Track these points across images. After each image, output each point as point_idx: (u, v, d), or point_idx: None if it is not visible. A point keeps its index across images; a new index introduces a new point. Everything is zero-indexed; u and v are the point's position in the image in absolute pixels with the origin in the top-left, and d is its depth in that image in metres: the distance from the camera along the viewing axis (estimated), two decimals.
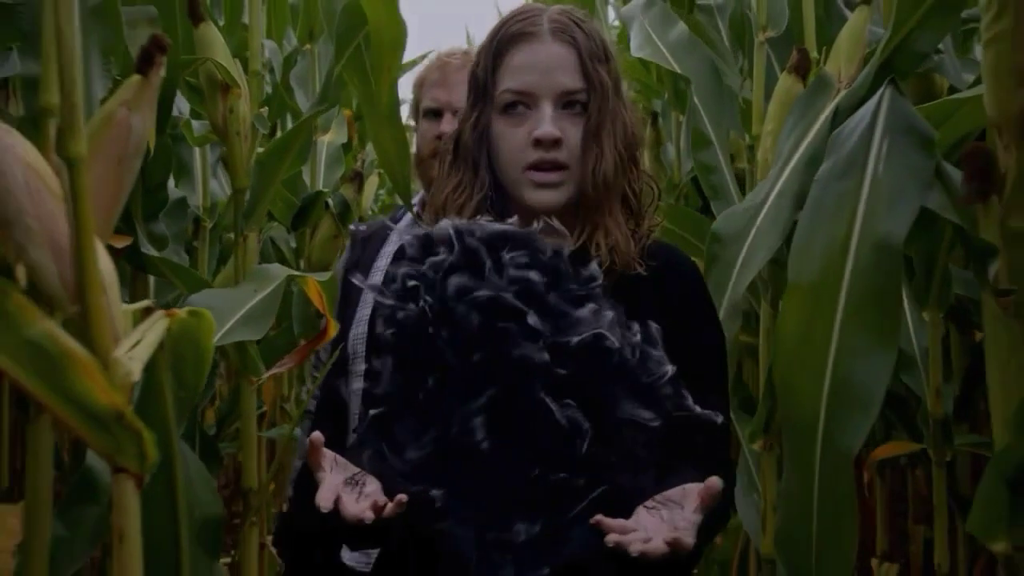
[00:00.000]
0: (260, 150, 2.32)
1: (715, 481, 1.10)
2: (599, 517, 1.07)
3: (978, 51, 2.25)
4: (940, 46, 2.04)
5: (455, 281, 1.10)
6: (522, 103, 1.25)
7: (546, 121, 1.23)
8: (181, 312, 1.34)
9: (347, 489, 1.12)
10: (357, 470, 1.15)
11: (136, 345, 1.24)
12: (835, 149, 1.43)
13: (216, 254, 3.20)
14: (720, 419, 1.17)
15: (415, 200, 1.96)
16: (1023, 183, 1.23)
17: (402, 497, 1.09)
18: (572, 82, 1.25)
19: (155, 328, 1.28)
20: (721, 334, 1.38)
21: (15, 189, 1.21)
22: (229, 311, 1.75)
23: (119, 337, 1.23)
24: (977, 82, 1.79)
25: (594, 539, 1.09)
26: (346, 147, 3.55)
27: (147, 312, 1.32)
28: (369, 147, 4.31)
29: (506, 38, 1.27)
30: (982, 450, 2.50)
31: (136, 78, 1.31)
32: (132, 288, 2.29)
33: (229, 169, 2.29)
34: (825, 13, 2.46)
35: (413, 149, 2.05)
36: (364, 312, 1.78)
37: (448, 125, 1.88)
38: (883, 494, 3.00)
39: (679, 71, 2.44)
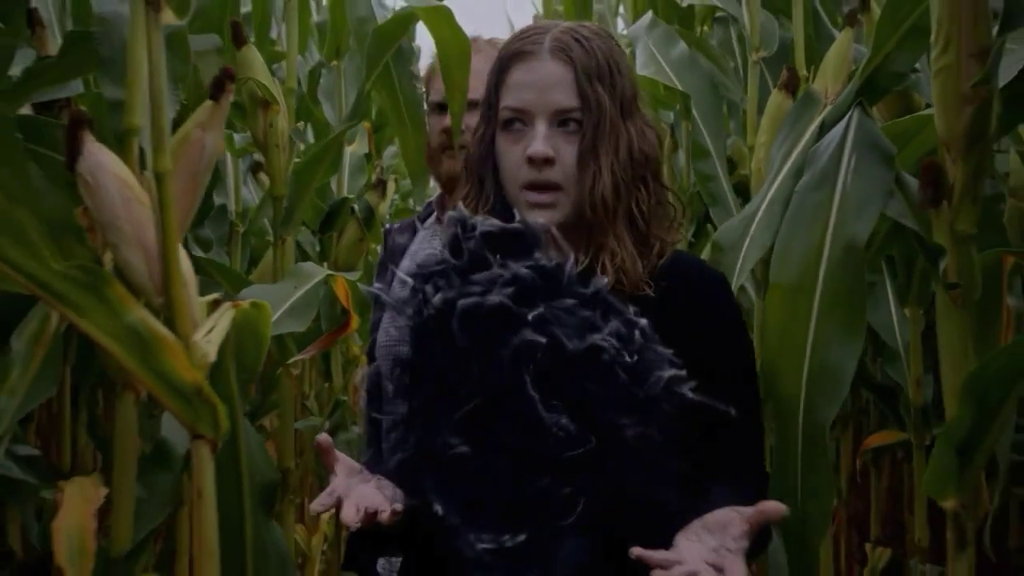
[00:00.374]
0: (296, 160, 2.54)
1: (773, 506, 1.08)
2: (639, 550, 1.03)
3: None
4: (917, 66, 2.24)
5: (446, 290, 1.11)
6: (519, 120, 1.24)
7: (538, 139, 1.22)
8: (244, 304, 1.56)
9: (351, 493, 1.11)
10: (365, 473, 1.15)
11: (210, 331, 1.46)
12: (812, 163, 1.64)
13: (247, 256, 3.41)
14: (733, 411, 1.16)
15: (432, 199, 2.03)
16: (967, 192, 1.44)
17: (396, 506, 1.08)
18: (566, 100, 1.23)
19: (224, 317, 1.50)
20: (748, 341, 1.35)
21: (110, 199, 1.44)
22: (275, 305, 1.97)
23: (197, 324, 1.45)
24: None
25: (585, 552, 1.10)
26: (367, 156, 3.77)
27: (216, 304, 1.54)
28: (385, 154, 4.52)
29: (508, 56, 1.27)
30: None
31: (209, 103, 1.53)
32: None
33: (269, 178, 2.51)
34: (815, 33, 2.66)
35: None
36: (378, 316, 1.90)
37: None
38: (878, 484, 3.20)
39: (680, 88, 2.64)
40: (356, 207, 3.29)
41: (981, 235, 1.95)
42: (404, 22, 2.33)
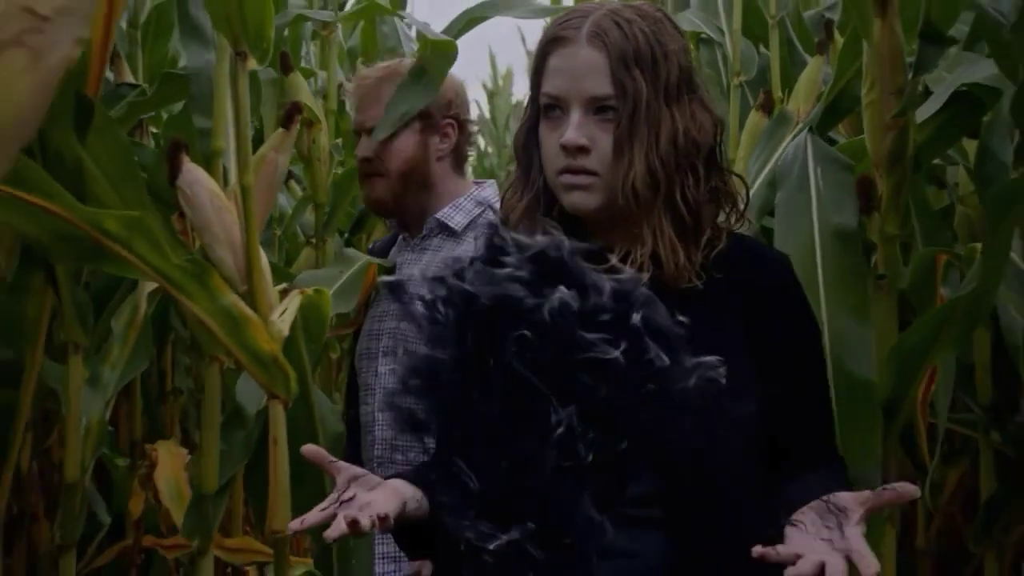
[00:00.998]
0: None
1: (903, 488, 1.00)
2: (760, 548, 0.98)
3: None
4: None
5: (473, 284, 1.08)
6: (557, 107, 1.22)
7: (571, 128, 1.19)
8: (309, 290, 1.92)
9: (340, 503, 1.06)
10: (369, 477, 1.10)
11: (283, 312, 1.83)
12: (784, 174, 1.98)
13: (284, 257, 3.78)
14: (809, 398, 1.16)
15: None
16: (892, 201, 1.79)
17: (375, 517, 1.01)
18: (600, 88, 1.19)
19: (294, 301, 1.87)
20: (815, 326, 1.31)
21: (204, 207, 1.80)
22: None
23: (272, 306, 1.81)
24: None
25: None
26: None
27: (286, 291, 1.91)
28: None
29: (548, 40, 1.24)
30: (958, 426, 2.97)
31: (280, 130, 1.90)
32: None
33: (311, 188, 2.87)
34: (790, 59, 3.01)
35: None
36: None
37: (363, 149, 1.86)
38: None
39: None
40: None
41: (935, 236, 2.30)
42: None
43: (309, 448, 1.07)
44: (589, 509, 1.05)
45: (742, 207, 1.24)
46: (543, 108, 1.23)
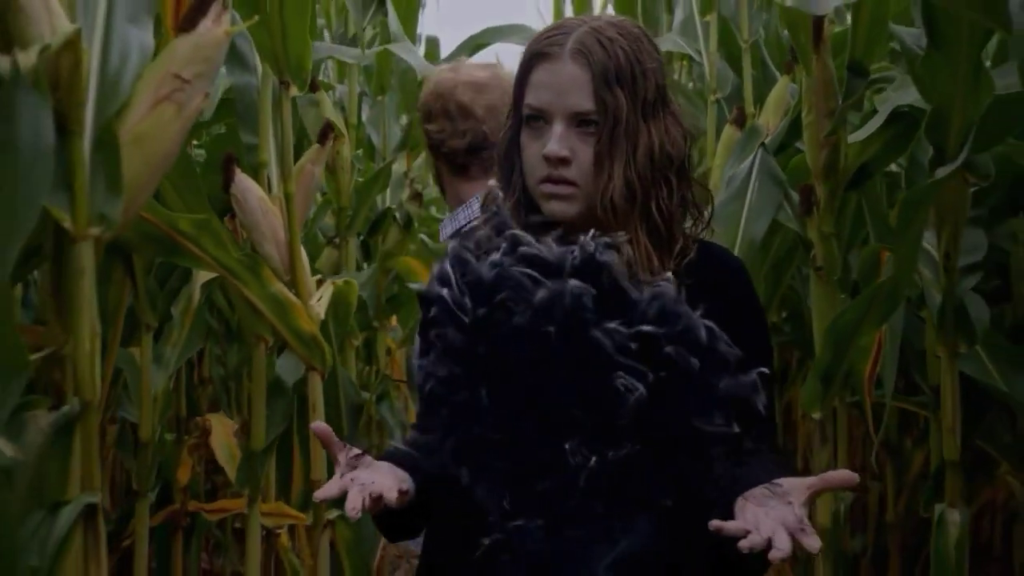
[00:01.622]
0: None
1: (841, 475, 1.09)
2: (718, 522, 1.05)
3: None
4: None
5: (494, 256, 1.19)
6: (540, 118, 1.27)
7: (554, 140, 1.24)
8: (339, 282, 2.29)
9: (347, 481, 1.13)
10: (367, 458, 1.17)
11: (320, 299, 2.19)
12: (731, 184, 2.34)
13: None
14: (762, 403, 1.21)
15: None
16: (828, 206, 2.15)
17: (391, 496, 1.10)
18: (583, 103, 1.24)
19: (327, 290, 2.23)
20: (766, 331, 1.38)
21: (254, 210, 2.16)
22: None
23: (311, 294, 2.17)
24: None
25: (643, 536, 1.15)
26: (404, 174, 4.50)
27: (320, 282, 2.27)
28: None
29: (532, 54, 1.29)
30: (908, 405, 3.29)
31: (316, 146, 2.26)
32: None
33: (334, 195, 3.23)
34: (762, 77, 3.36)
35: None
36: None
37: None
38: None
39: None
40: (398, 215, 4.01)
41: (887, 235, 2.64)
42: None
43: (319, 426, 1.15)
44: (591, 495, 1.14)
45: (707, 215, 1.31)
46: (525, 118, 1.28)
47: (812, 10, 1.94)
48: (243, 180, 2.19)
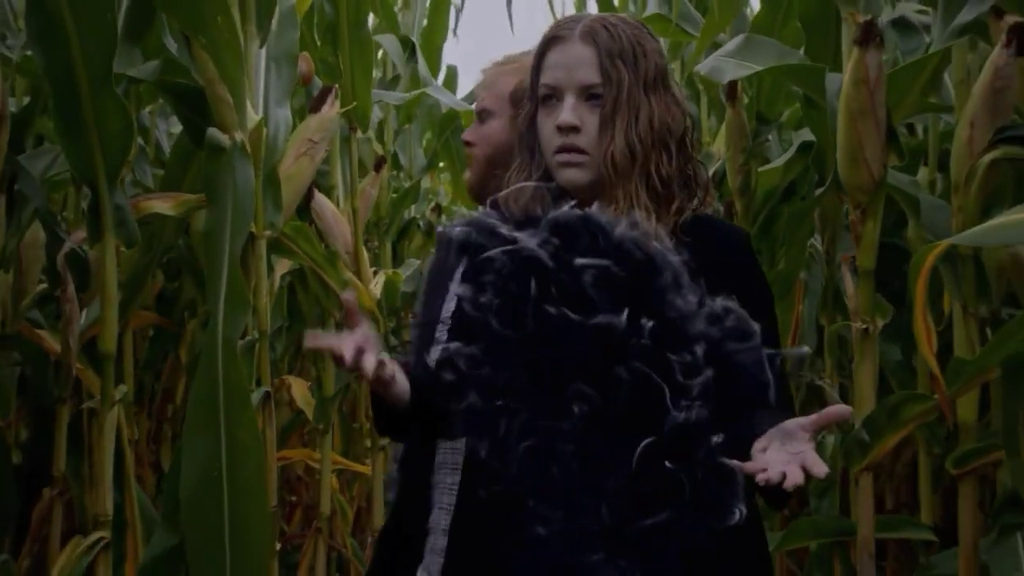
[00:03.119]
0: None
1: (836, 409, 1.17)
2: (736, 462, 1.15)
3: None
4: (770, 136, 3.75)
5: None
6: (554, 96, 1.38)
7: (566, 111, 1.35)
8: (389, 273, 3.11)
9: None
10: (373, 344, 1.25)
11: (376, 284, 3.01)
12: None
13: None
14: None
15: None
16: (744, 217, 2.95)
17: (383, 357, 1.21)
18: (590, 77, 1.35)
19: (381, 278, 3.06)
20: (768, 292, 1.44)
21: (329, 220, 2.99)
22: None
23: (370, 280, 3.00)
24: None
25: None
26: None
27: (376, 272, 3.10)
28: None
29: (546, 40, 1.41)
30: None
31: (373, 173, 3.09)
32: None
33: (374, 208, 4.05)
34: (719, 111, 4.16)
35: None
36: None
37: (466, 133, 1.83)
38: None
39: None
40: (421, 224, 4.85)
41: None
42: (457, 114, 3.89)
43: (348, 296, 1.27)
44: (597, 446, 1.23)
45: (704, 193, 1.38)
46: (541, 98, 1.39)
47: (717, 79, 2.74)
48: (320, 198, 3.01)
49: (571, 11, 5.44)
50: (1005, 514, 1.90)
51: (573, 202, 1.32)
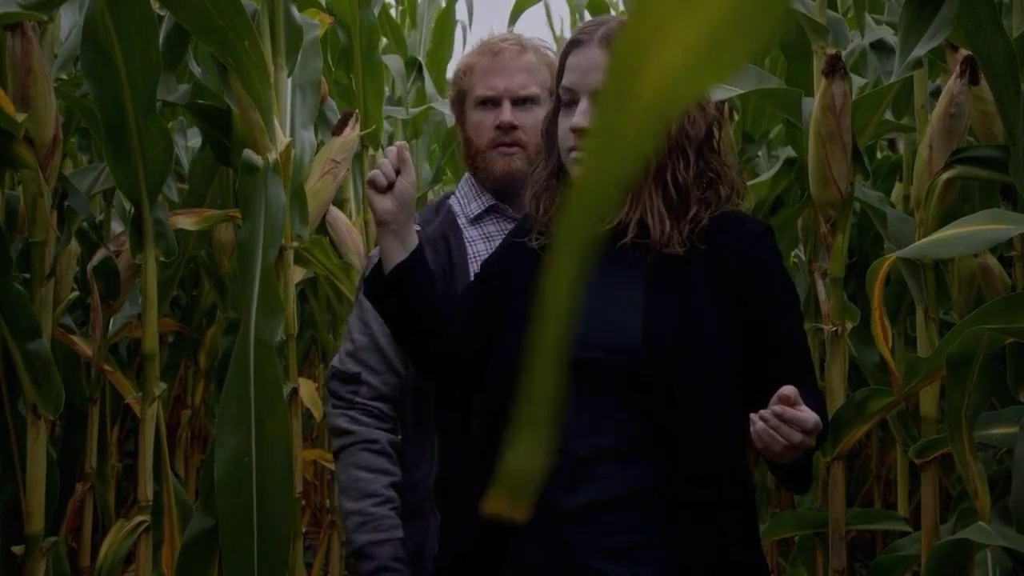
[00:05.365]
0: None
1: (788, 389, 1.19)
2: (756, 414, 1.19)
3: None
4: (759, 153, 3.96)
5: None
6: (571, 98, 1.38)
7: (579, 113, 1.35)
8: None
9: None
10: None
11: None
12: None
13: None
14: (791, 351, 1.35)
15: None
16: None
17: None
18: None
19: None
20: (791, 286, 1.42)
21: (342, 232, 3.19)
22: None
23: None
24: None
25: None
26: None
27: None
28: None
29: (568, 43, 1.42)
30: None
31: None
32: None
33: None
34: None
35: None
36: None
37: (509, 113, 1.77)
38: None
39: None
40: None
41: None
42: None
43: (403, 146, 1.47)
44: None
45: (729, 193, 1.37)
46: (561, 101, 1.42)
47: None
48: (334, 210, 3.21)
49: (569, 31, 5.65)
50: (965, 500, 2.09)
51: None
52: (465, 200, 1.88)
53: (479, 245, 1.81)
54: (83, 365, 2.95)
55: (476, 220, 1.85)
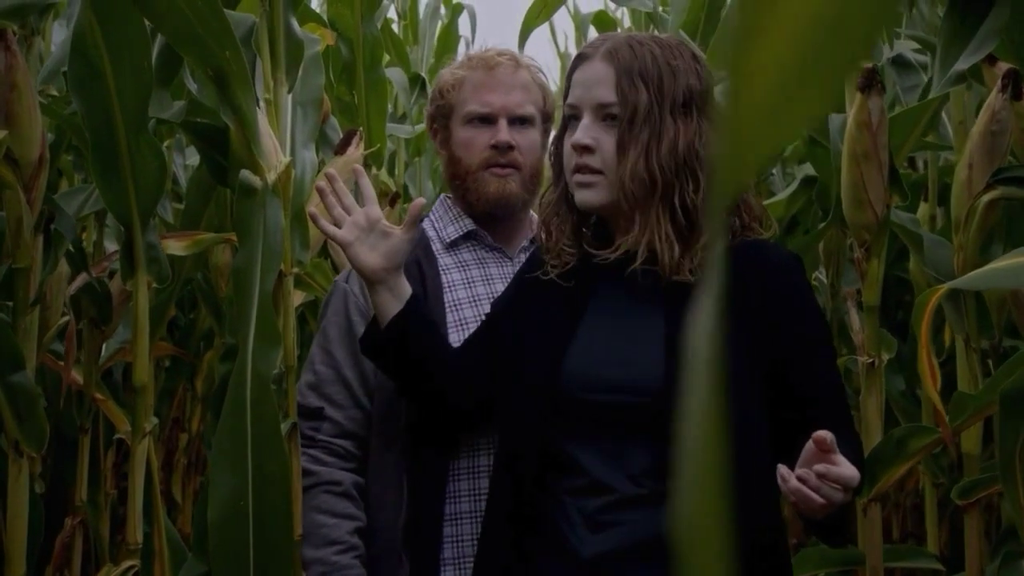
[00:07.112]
0: None
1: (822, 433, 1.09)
2: (784, 468, 1.10)
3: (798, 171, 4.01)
4: (773, 170, 3.84)
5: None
6: (574, 115, 1.34)
7: (580, 130, 1.31)
8: None
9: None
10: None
11: None
12: None
13: None
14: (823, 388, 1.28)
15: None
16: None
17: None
18: (606, 96, 1.29)
19: None
20: (822, 319, 1.36)
21: (342, 253, 3.06)
22: None
23: None
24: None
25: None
26: None
27: None
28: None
29: (575, 59, 1.38)
30: None
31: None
32: None
33: None
34: None
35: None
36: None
37: (506, 133, 1.66)
38: None
39: None
40: None
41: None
42: None
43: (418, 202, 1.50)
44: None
45: (748, 220, 1.31)
46: (567, 119, 1.37)
47: None
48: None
49: (574, 48, 5.54)
50: (1008, 542, 1.96)
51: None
52: (441, 223, 1.82)
53: (454, 274, 1.73)
54: (74, 392, 2.82)
55: (452, 246, 1.77)
